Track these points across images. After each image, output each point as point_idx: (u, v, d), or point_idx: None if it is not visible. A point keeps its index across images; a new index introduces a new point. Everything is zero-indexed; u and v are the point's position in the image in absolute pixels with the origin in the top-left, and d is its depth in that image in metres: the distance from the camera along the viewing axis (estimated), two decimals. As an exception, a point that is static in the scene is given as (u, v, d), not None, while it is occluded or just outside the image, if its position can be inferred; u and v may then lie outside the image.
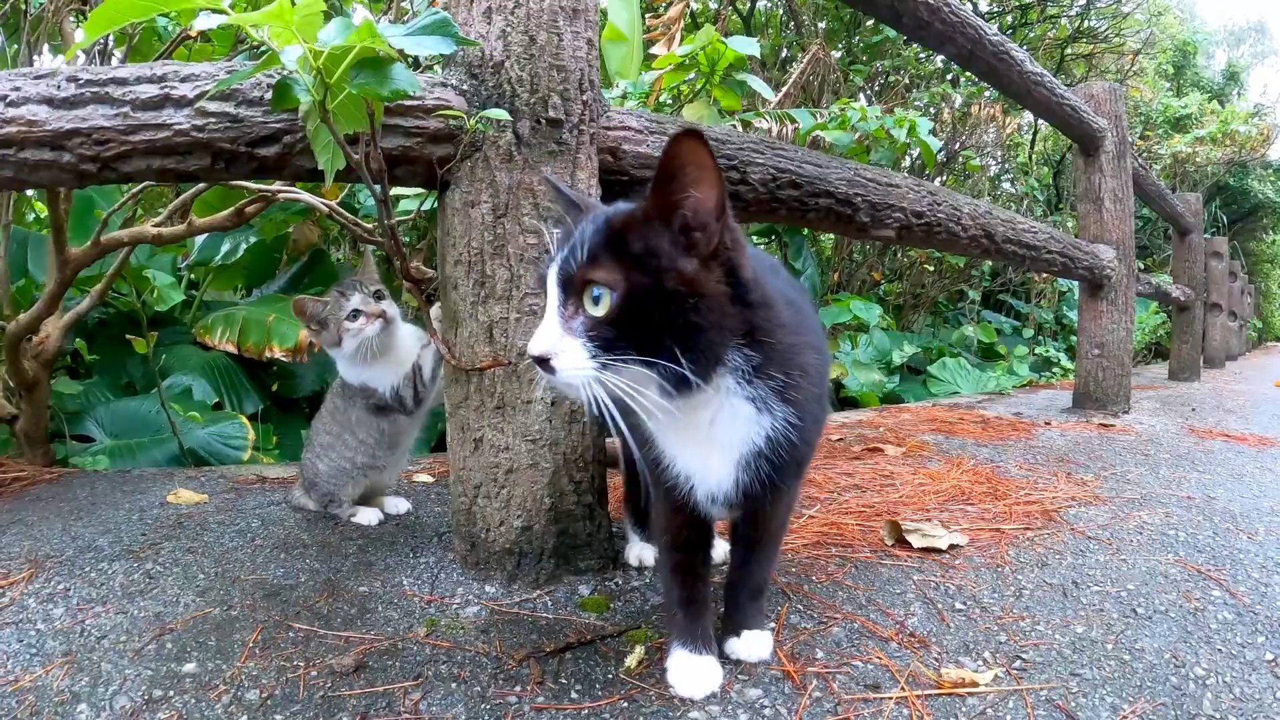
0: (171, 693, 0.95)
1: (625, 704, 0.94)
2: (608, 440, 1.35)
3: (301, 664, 1.02)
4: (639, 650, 1.06)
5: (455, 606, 1.19)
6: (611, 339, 0.76)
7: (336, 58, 0.90)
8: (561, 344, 0.77)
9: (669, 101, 3.15)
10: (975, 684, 1.01)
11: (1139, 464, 2.50)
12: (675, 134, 0.71)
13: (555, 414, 1.24)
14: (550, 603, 1.21)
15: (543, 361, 0.77)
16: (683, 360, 0.76)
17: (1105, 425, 3.30)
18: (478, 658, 1.04)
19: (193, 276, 3.54)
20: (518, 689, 0.97)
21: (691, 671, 0.97)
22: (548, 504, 1.25)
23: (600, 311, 0.76)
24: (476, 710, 0.92)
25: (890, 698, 0.97)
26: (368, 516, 1.59)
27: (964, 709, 0.96)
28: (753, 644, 1.04)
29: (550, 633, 1.11)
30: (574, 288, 0.77)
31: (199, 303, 3.41)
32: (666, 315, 0.76)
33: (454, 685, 0.97)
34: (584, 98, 1.23)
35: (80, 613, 1.15)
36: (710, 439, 0.88)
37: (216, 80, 1.08)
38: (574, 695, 0.96)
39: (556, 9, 1.20)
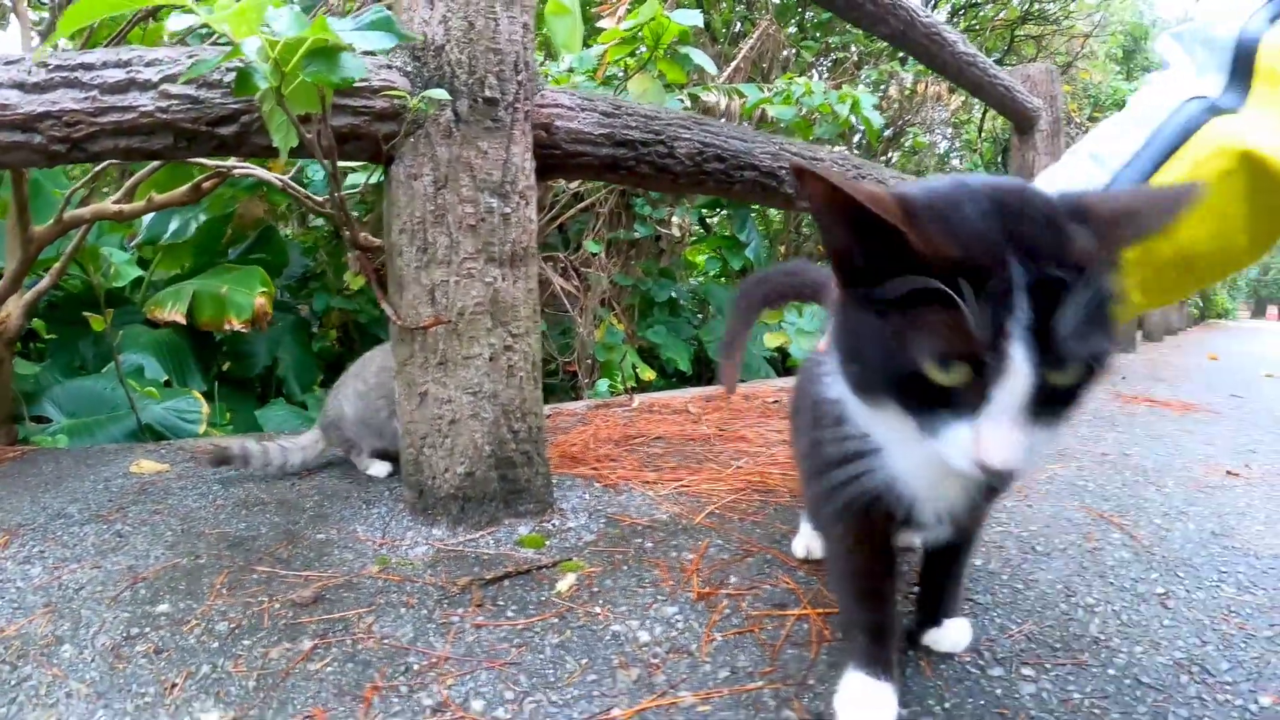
0: (148, 629, 1.03)
1: (555, 620, 1.05)
2: None
3: (265, 599, 1.10)
4: (570, 577, 1.17)
5: (405, 547, 1.29)
6: (1058, 408, 0.60)
7: (291, 47, 0.99)
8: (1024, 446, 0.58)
9: (620, 75, 3.20)
10: (873, 602, 1.12)
11: (1059, 423, 2.64)
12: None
13: (494, 369, 1.34)
14: (492, 541, 1.31)
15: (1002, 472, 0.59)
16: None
17: (1034, 389, 3.43)
18: (425, 587, 1.14)
19: (143, 256, 3.53)
20: (460, 611, 1.07)
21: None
22: (488, 451, 1.35)
23: (1065, 381, 0.58)
24: (423, 628, 1.03)
25: (793, 614, 1.07)
26: (379, 469, 1.71)
27: (862, 624, 1.07)
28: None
29: (491, 565, 1.22)
30: (1049, 367, 0.56)
31: (148, 281, 3.41)
32: (1098, 372, 0.60)
33: (403, 610, 1.07)
34: (519, 78, 1.32)
35: (57, 570, 1.21)
36: None
37: (178, 63, 1.16)
38: (509, 614, 1.07)
39: (493, -5, 1.29)
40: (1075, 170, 0.88)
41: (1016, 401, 0.56)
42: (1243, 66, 0.81)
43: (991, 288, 0.54)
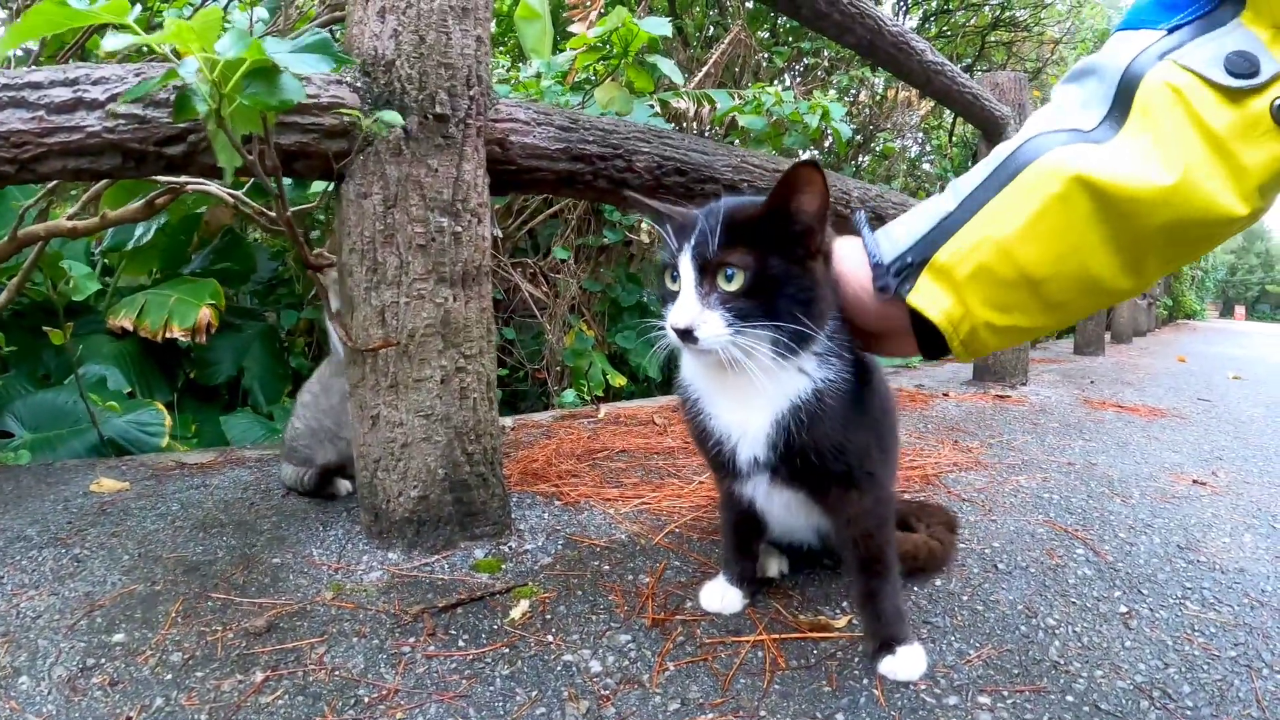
0: (104, 660, 1.02)
1: (507, 650, 1.05)
2: None
3: (219, 628, 1.09)
4: (523, 604, 1.17)
5: (360, 572, 1.28)
6: (742, 309, 0.90)
7: (231, 68, 0.97)
8: (702, 316, 0.90)
9: (591, 79, 3.20)
10: (829, 628, 1.10)
11: (1026, 432, 2.62)
12: (798, 162, 0.88)
13: (446, 391, 1.33)
14: (447, 565, 1.30)
15: (685, 332, 0.89)
16: (805, 321, 0.90)
17: (1001, 396, 3.45)
18: (378, 615, 1.13)
19: (107, 262, 3.47)
20: (412, 640, 1.07)
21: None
22: (442, 474, 1.34)
23: (733, 287, 0.90)
24: (374, 659, 1.02)
25: (748, 640, 1.07)
26: (340, 486, 1.67)
27: (816, 651, 1.05)
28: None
29: (445, 591, 1.21)
30: (709, 269, 0.91)
31: (113, 290, 3.36)
32: (788, 289, 0.90)
33: (355, 640, 1.07)
34: (471, 93, 1.31)
35: (15, 597, 1.20)
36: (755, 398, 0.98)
37: (125, 81, 1.14)
38: (461, 644, 1.06)
39: (446, 9, 1.27)
40: (934, 201, 0.94)
41: (689, 287, 0.91)
42: (1123, 99, 0.83)
43: (685, 234, 0.93)
